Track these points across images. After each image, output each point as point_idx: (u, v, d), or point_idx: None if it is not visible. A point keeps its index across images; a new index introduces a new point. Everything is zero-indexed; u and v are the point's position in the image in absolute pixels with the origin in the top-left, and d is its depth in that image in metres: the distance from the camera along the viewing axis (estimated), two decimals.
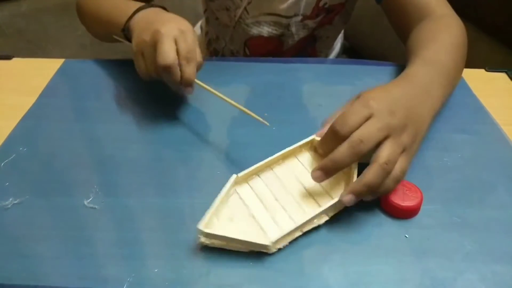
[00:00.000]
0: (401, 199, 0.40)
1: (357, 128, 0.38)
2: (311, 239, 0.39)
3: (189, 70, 0.47)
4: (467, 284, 0.36)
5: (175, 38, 0.47)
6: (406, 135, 0.40)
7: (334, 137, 0.39)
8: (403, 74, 0.47)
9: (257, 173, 0.43)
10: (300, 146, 0.45)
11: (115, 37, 0.57)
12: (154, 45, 0.47)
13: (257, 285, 0.35)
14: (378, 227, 0.40)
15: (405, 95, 0.43)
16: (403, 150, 0.40)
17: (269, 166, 0.44)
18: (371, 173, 0.37)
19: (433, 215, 0.41)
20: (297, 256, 0.38)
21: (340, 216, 0.41)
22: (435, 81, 0.47)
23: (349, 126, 0.38)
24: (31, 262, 0.37)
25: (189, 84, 0.48)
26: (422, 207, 0.41)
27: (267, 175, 0.43)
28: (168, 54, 0.46)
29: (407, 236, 0.39)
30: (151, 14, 0.53)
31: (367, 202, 0.42)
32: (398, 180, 0.39)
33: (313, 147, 0.45)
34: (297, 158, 0.45)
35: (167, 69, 0.47)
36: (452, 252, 0.38)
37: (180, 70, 0.47)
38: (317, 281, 0.36)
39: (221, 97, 0.48)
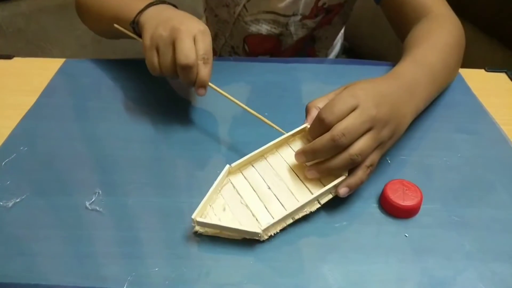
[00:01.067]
0: (401, 198, 0.41)
1: (343, 117, 0.39)
2: (310, 238, 0.39)
3: (205, 72, 0.46)
4: (467, 283, 0.36)
5: (194, 37, 0.47)
6: (386, 131, 0.41)
7: (320, 125, 0.40)
8: (391, 71, 0.47)
9: (250, 162, 0.43)
10: (293, 135, 0.45)
11: (119, 27, 0.55)
12: (172, 41, 0.46)
13: (257, 284, 0.35)
14: (378, 226, 0.40)
15: (391, 92, 0.43)
16: (379, 145, 0.40)
17: (262, 156, 0.44)
18: (339, 160, 0.39)
19: (433, 214, 0.41)
20: (297, 255, 0.38)
21: (340, 215, 0.41)
22: (421, 82, 0.48)
23: (336, 115, 0.39)
24: (31, 261, 0.37)
25: (204, 85, 0.47)
26: (421, 207, 0.41)
27: (261, 164, 0.43)
28: (189, 53, 0.45)
29: (406, 235, 0.40)
30: (165, 10, 0.52)
31: (366, 202, 0.43)
32: (369, 171, 0.40)
33: (305, 135, 0.46)
34: (290, 147, 0.45)
35: (187, 68, 0.45)
36: (452, 251, 0.38)
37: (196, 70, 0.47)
38: (317, 280, 0.36)
39: (234, 101, 0.48)
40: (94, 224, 0.40)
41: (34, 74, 0.61)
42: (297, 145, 0.45)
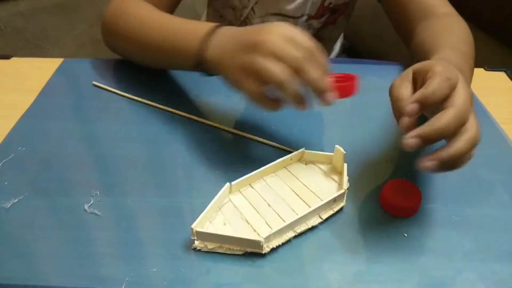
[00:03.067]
0: (400, 198, 0.40)
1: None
2: (310, 238, 0.39)
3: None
4: (466, 283, 0.36)
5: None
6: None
7: (450, 86, 0.35)
8: (440, 60, 0.43)
9: (249, 183, 0.43)
10: (290, 158, 0.45)
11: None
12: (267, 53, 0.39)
13: (256, 285, 0.35)
14: (378, 226, 0.40)
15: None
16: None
17: (261, 177, 0.44)
18: (447, 117, 0.33)
19: (432, 214, 0.41)
20: (297, 255, 0.38)
21: (339, 215, 0.41)
22: (465, 67, 0.46)
23: (444, 94, 0.34)
24: (29, 262, 0.37)
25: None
26: (421, 206, 0.41)
27: (260, 185, 0.43)
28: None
29: (406, 235, 0.39)
30: (230, 38, 0.44)
31: (366, 201, 0.42)
32: (475, 143, 0.35)
33: (302, 159, 0.46)
34: (287, 169, 0.45)
35: (325, 91, 0.40)
36: (451, 251, 0.38)
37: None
38: (316, 280, 0.36)
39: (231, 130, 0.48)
40: (92, 224, 0.40)
41: (32, 74, 0.61)
42: (294, 167, 0.45)
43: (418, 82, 0.38)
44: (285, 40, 0.39)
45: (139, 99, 0.55)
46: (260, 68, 0.39)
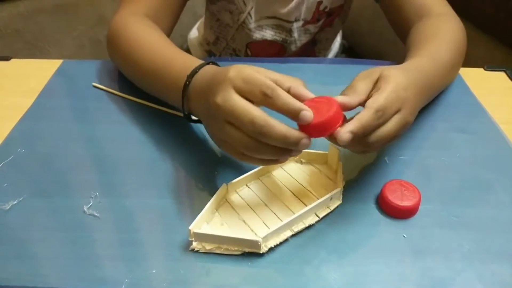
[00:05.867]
0: (399, 199, 0.41)
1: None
2: (309, 239, 0.39)
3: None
4: (465, 283, 0.36)
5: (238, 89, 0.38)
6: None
7: (378, 119, 0.37)
8: (413, 64, 0.46)
9: (246, 183, 0.43)
10: None
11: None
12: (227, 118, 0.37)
13: (255, 286, 0.35)
14: (376, 227, 0.40)
15: (416, 86, 0.42)
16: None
17: (257, 177, 0.44)
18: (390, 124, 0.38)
19: (431, 214, 0.41)
20: (295, 256, 0.38)
21: (338, 216, 0.41)
22: (436, 76, 0.49)
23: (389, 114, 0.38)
24: (29, 264, 0.37)
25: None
26: (420, 207, 0.41)
27: (256, 185, 0.44)
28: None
29: (405, 236, 0.39)
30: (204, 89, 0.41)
31: (365, 202, 0.42)
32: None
33: (298, 158, 0.46)
34: (283, 169, 0.45)
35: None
36: (450, 251, 0.38)
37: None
38: (315, 281, 0.36)
39: None
40: (91, 226, 0.40)
41: (31, 75, 0.61)
42: (290, 167, 0.46)
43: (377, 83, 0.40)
44: (241, 90, 0.36)
45: (139, 100, 0.55)
46: (226, 138, 0.37)
